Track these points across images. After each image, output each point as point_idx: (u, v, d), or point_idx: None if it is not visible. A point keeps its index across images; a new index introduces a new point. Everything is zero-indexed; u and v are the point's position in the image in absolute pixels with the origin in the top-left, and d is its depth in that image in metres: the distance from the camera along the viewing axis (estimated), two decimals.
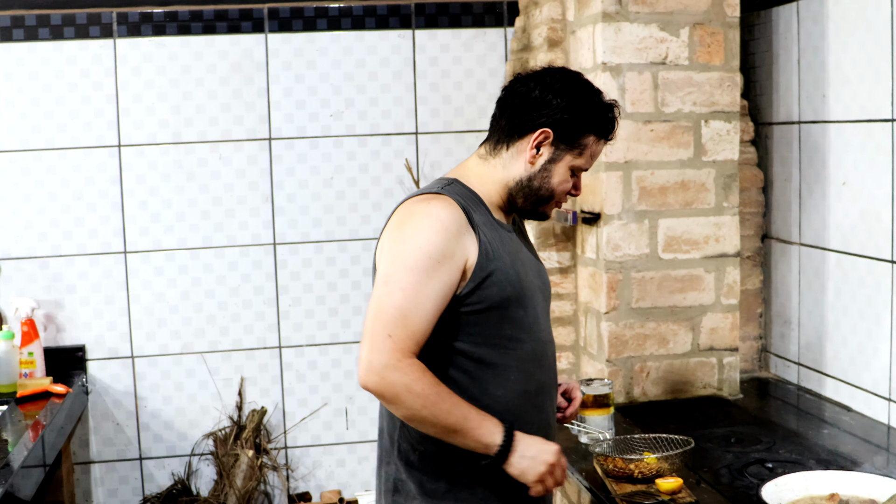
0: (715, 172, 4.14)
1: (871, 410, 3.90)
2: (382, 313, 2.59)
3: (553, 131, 2.78)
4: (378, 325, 2.58)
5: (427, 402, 2.57)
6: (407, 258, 2.61)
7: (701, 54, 4.10)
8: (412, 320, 2.59)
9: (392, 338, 2.57)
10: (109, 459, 5.16)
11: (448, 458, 2.74)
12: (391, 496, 2.84)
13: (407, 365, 2.57)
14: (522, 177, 2.82)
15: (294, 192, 5.17)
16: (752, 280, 4.60)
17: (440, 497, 2.76)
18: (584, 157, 2.84)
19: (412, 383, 2.56)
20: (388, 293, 2.60)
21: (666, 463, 3.19)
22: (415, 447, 2.78)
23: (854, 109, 3.95)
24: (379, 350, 2.57)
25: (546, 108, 2.78)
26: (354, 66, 5.18)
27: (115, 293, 5.08)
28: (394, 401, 2.58)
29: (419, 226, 2.64)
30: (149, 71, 5.04)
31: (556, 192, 2.85)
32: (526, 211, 2.90)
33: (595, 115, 2.82)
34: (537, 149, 2.80)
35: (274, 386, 5.25)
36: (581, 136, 2.80)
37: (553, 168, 2.82)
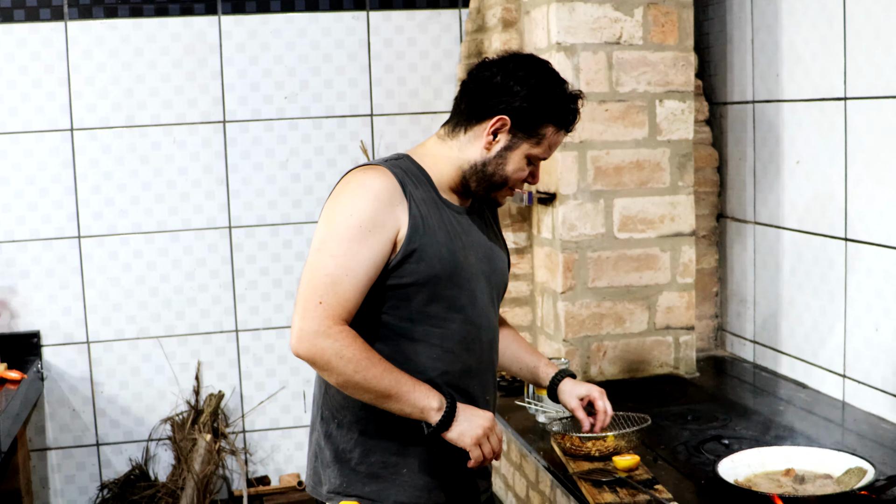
0: (670, 152, 4.15)
1: (825, 387, 3.93)
2: (314, 280, 2.59)
3: (511, 119, 2.74)
4: (309, 292, 2.59)
5: (359, 367, 2.57)
6: (339, 226, 2.61)
7: (655, 34, 4.11)
8: (343, 287, 2.59)
9: (323, 304, 2.57)
10: (66, 446, 5.12)
11: (363, 428, 2.74)
12: (313, 462, 2.86)
13: (337, 331, 2.57)
14: (477, 161, 2.79)
15: (249, 175, 5.14)
16: (707, 259, 4.62)
17: (353, 465, 2.76)
18: (542, 147, 2.80)
19: (342, 349, 2.56)
20: (320, 260, 2.60)
21: (623, 441, 3.21)
22: (334, 415, 2.78)
23: (807, 88, 3.97)
24: (310, 317, 2.56)
25: (506, 95, 2.74)
26: (309, 48, 5.15)
27: (69, 278, 5.04)
28: (325, 367, 2.58)
29: (352, 194, 2.65)
30: (101, 54, 5.00)
31: (510, 180, 2.82)
32: (480, 195, 2.87)
33: (555, 105, 2.77)
34: (494, 135, 2.76)
35: (231, 370, 5.23)
36: (539, 125, 2.76)
37: (509, 155, 2.78)
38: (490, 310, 2.89)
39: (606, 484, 2.99)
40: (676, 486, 3.02)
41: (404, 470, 2.76)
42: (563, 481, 3.17)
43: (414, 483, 2.76)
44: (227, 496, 5.24)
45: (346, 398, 2.74)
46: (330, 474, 2.79)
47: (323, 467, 2.82)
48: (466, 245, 2.80)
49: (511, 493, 3.93)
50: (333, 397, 2.78)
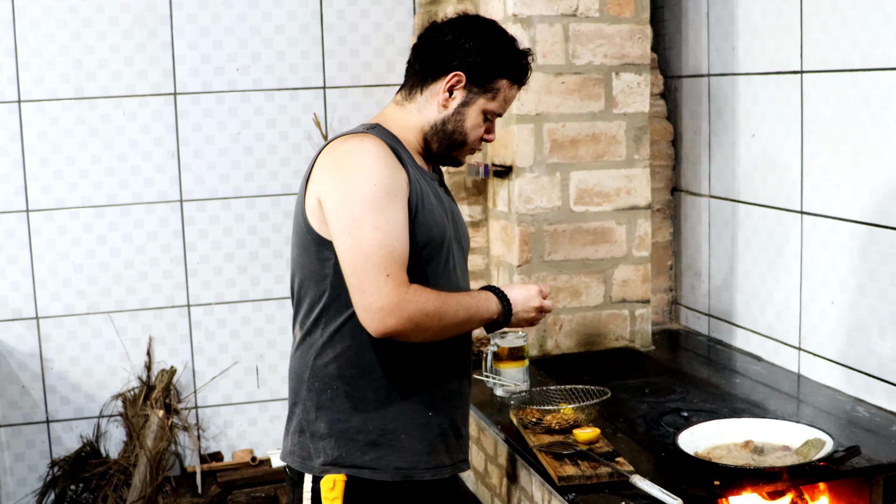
0: (626, 125, 4.15)
1: (781, 359, 3.95)
2: (371, 256, 2.58)
3: (465, 74, 2.79)
4: (373, 270, 2.58)
5: (442, 314, 2.64)
6: (367, 197, 2.60)
7: (611, 6, 4.10)
8: (398, 253, 2.60)
9: (391, 276, 2.58)
10: (15, 423, 5.05)
11: (361, 396, 2.74)
12: (298, 437, 2.82)
13: (413, 292, 2.60)
14: (437, 120, 2.83)
15: (201, 148, 5.08)
16: (661, 233, 4.63)
17: (351, 435, 2.74)
18: (498, 102, 2.85)
19: (425, 305, 2.61)
20: (368, 236, 2.58)
21: (583, 413, 3.21)
22: (328, 386, 2.76)
23: (763, 62, 3.97)
24: (385, 293, 2.57)
25: (459, 52, 2.79)
26: (261, 20, 5.09)
27: (17, 253, 4.96)
28: (416, 331, 2.62)
29: (363, 162, 2.63)
30: (49, 24, 4.91)
31: (469, 137, 2.85)
32: (440, 156, 2.90)
33: (508, 58, 2.83)
34: (450, 92, 2.81)
35: (183, 345, 5.18)
36: (494, 79, 2.81)
37: (466, 111, 2.82)
38: (464, 273, 2.95)
39: (567, 457, 2.99)
40: (636, 458, 3.03)
41: (402, 436, 2.77)
42: (523, 454, 3.17)
43: (413, 448, 2.77)
44: (180, 472, 5.19)
45: (339, 368, 2.75)
46: (325, 446, 2.76)
47: (314, 440, 2.78)
48: (445, 210, 2.85)
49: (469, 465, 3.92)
50: (325, 367, 2.76)
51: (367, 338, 2.70)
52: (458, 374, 2.89)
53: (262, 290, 5.20)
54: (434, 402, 2.82)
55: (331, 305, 2.73)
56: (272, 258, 5.18)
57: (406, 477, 2.77)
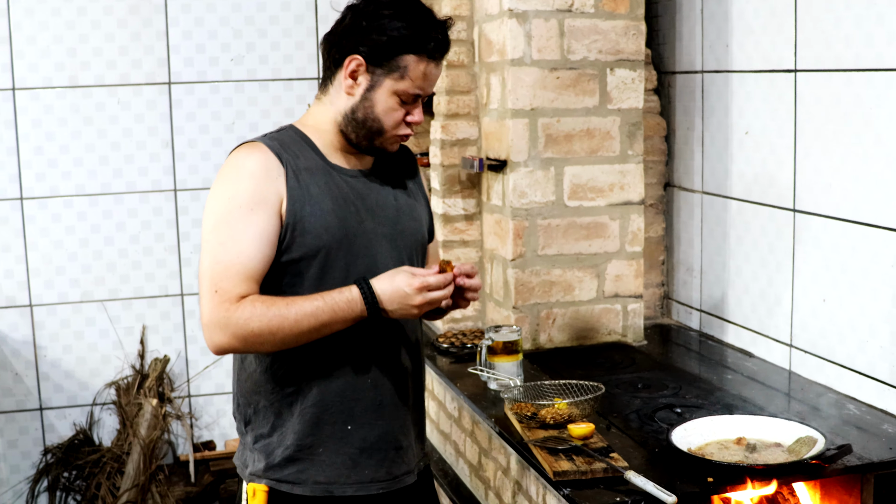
0: (620, 120, 4.17)
1: (772, 356, 3.98)
2: (207, 271, 2.55)
3: (364, 56, 2.63)
4: (206, 284, 2.55)
5: (273, 328, 2.53)
6: (220, 212, 2.56)
7: (607, 2, 4.11)
8: (235, 269, 2.53)
9: (219, 292, 2.52)
10: (8, 410, 5.08)
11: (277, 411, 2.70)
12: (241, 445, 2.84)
13: (236, 309, 2.52)
14: (346, 109, 2.68)
15: (195, 138, 5.10)
16: (654, 228, 4.65)
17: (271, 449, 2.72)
18: (409, 80, 2.66)
19: (249, 322, 2.51)
20: (209, 250, 2.56)
21: (577, 408, 3.23)
22: (249, 402, 2.75)
23: (757, 59, 4.00)
24: (211, 309, 2.53)
25: (356, 34, 2.63)
26: (255, 10, 5.11)
27: (11, 240, 4.98)
28: (248, 348, 2.56)
29: (227, 177, 2.59)
30: (43, 12, 4.92)
31: (384, 123, 2.68)
32: (364, 146, 2.73)
33: (409, 32, 2.63)
34: (354, 78, 2.65)
35: (176, 334, 5.20)
36: (395, 56, 2.63)
37: (374, 96, 2.66)
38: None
39: (562, 452, 3.01)
40: (630, 453, 3.05)
41: (320, 449, 2.71)
42: (518, 449, 3.19)
43: (332, 462, 2.71)
44: (173, 461, 5.22)
45: (256, 384, 2.71)
46: (253, 458, 2.75)
47: (246, 450, 2.78)
48: (361, 209, 2.72)
49: (462, 459, 3.95)
50: (245, 384, 2.74)
51: (277, 353, 2.65)
52: (386, 385, 2.78)
53: None
54: (354, 416, 2.73)
55: None
56: None
57: (326, 492, 2.72)
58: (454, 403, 4.03)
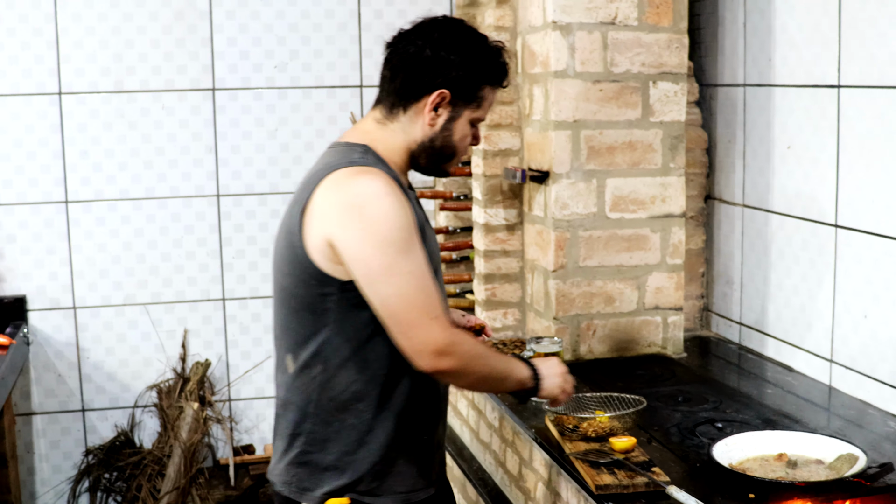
0: (662, 133, 4.18)
1: (812, 371, 3.98)
2: (414, 302, 2.56)
3: (450, 91, 2.73)
4: (417, 315, 2.56)
5: (485, 359, 2.70)
6: (394, 243, 2.56)
7: (650, 15, 4.13)
8: (433, 292, 2.59)
9: (437, 318, 2.57)
10: (51, 411, 5.13)
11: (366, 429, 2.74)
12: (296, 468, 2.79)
13: (460, 334, 2.63)
14: (424, 139, 2.77)
15: (238, 144, 5.15)
16: (694, 240, 4.66)
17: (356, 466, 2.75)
18: (483, 109, 2.81)
19: (472, 349, 2.65)
20: (405, 283, 2.56)
21: (619, 422, 3.25)
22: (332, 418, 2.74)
23: (800, 74, 4.00)
24: (436, 334, 2.56)
25: (440, 67, 2.71)
26: (299, 17, 5.15)
27: (56, 243, 5.04)
28: (465, 372, 2.64)
29: (380, 206, 2.57)
30: (90, 17, 4.97)
31: (458, 149, 2.82)
32: (430, 170, 2.87)
33: (488, 65, 2.77)
34: (436, 109, 2.75)
35: (217, 338, 5.25)
36: (478, 89, 2.77)
37: (454, 126, 2.78)
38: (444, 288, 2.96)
39: (604, 465, 3.03)
40: (671, 468, 3.06)
41: (401, 461, 2.79)
42: (559, 461, 3.21)
43: (410, 472, 2.81)
44: (213, 464, 5.27)
45: (343, 403, 2.73)
46: (330, 477, 2.75)
47: (318, 471, 2.76)
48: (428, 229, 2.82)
49: (502, 469, 3.97)
50: (326, 404, 2.74)
51: (373, 373, 2.71)
52: (446, 394, 2.96)
53: None
54: (428, 426, 2.87)
55: (333, 340, 2.70)
56: None
57: (405, 501, 2.81)
58: (494, 413, 4.05)
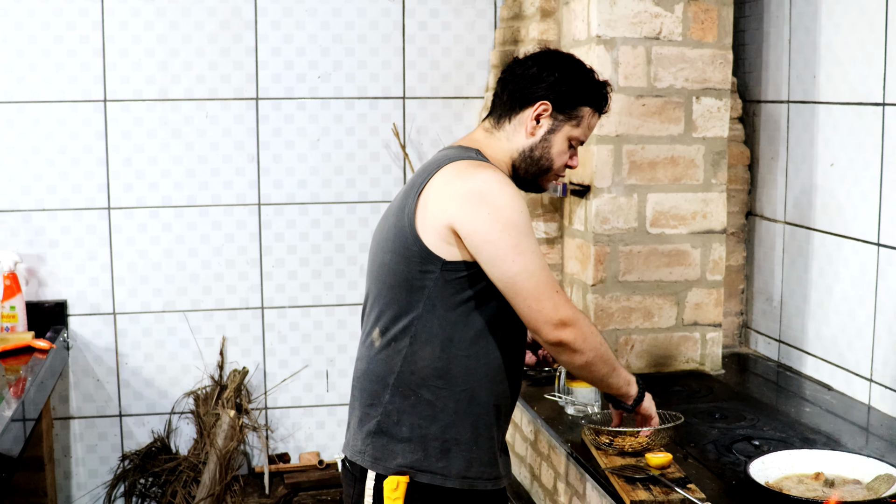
0: (704, 149, 4.17)
1: (851, 390, 3.95)
2: (541, 278, 2.77)
3: (551, 102, 2.95)
4: (545, 289, 2.77)
5: (601, 343, 2.91)
6: (518, 224, 2.76)
7: (694, 30, 4.12)
8: (550, 272, 2.85)
9: (559, 292, 2.80)
10: (89, 415, 5.16)
11: (441, 406, 2.87)
12: (373, 437, 2.91)
13: (580, 311, 2.87)
14: (525, 147, 2.99)
15: (280, 153, 5.16)
16: (735, 256, 4.64)
17: (429, 441, 2.87)
18: (581, 129, 3.01)
19: (592, 328, 2.88)
20: (531, 261, 2.76)
21: (655, 438, 3.23)
22: (413, 391, 2.87)
23: (844, 92, 3.98)
24: (563, 305, 2.79)
25: (544, 82, 2.96)
26: (343, 28, 5.16)
27: (97, 249, 5.07)
28: (582, 347, 2.84)
29: (504, 193, 2.78)
30: (136, 25, 5.01)
31: (554, 163, 3.01)
32: (526, 182, 3.04)
33: (589, 87, 3.00)
34: (537, 120, 2.97)
35: (255, 346, 5.26)
36: (577, 106, 2.98)
37: (553, 138, 2.98)
38: None
39: (639, 481, 3.02)
40: (707, 485, 3.05)
41: (473, 447, 2.90)
42: (594, 475, 3.20)
43: (480, 458, 2.92)
44: (248, 472, 5.28)
45: (426, 378, 2.87)
46: (403, 449, 2.87)
47: (393, 442, 2.88)
48: None
49: (537, 483, 3.96)
50: (409, 376, 2.87)
51: (456, 352, 2.84)
52: (517, 390, 3.07)
53: (335, 296, 5.26)
54: (499, 418, 2.98)
55: (424, 316, 2.84)
56: (346, 264, 5.25)
57: (470, 486, 2.91)
58: (531, 427, 4.04)
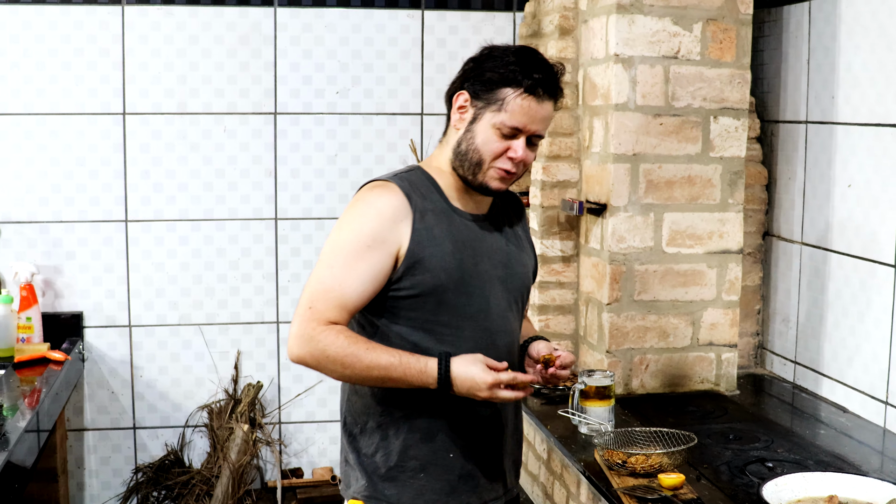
0: (721, 169, 4.16)
1: (866, 412, 3.93)
2: (309, 288, 2.73)
3: (468, 91, 2.80)
4: (304, 299, 2.73)
5: (346, 363, 2.68)
6: (341, 241, 2.74)
7: (713, 50, 4.11)
8: (334, 295, 2.71)
9: (312, 309, 2.70)
10: (103, 427, 5.17)
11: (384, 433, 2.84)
12: (343, 464, 2.97)
13: (321, 331, 2.68)
14: (455, 145, 2.84)
15: (297, 168, 5.17)
16: (751, 277, 4.63)
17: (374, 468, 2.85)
18: (508, 113, 2.75)
19: (327, 348, 2.67)
20: (320, 271, 2.74)
21: (668, 458, 3.22)
22: (356, 420, 2.89)
23: (863, 112, 3.97)
24: (301, 322, 2.70)
25: (464, 74, 2.85)
26: (362, 44, 5.18)
27: (114, 261, 5.08)
28: (318, 368, 2.72)
29: (357, 211, 2.76)
30: (156, 39, 5.03)
31: (482, 153, 2.79)
32: (471, 181, 2.84)
33: (507, 67, 2.76)
34: (462, 113, 2.82)
35: (270, 361, 5.27)
36: (494, 89, 2.76)
37: (475, 128, 2.79)
38: (508, 314, 2.94)
39: (652, 501, 3.01)
40: None
41: (422, 474, 2.84)
42: (606, 495, 3.19)
43: (432, 487, 2.85)
44: (261, 486, 5.28)
45: (366, 405, 2.86)
46: (356, 476, 2.89)
47: (350, 469, 2.92)
48: (478, 252, 2.86)
49: (549, 502, 3.95)
50: (354, 403, 2.89)
51: None
52: (488, 413, 2.91)
53: None
54: (458, 443, 2.87)
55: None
56: None
57: None
58: (543, 445, 4.03)
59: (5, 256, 4.99)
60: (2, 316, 4.72)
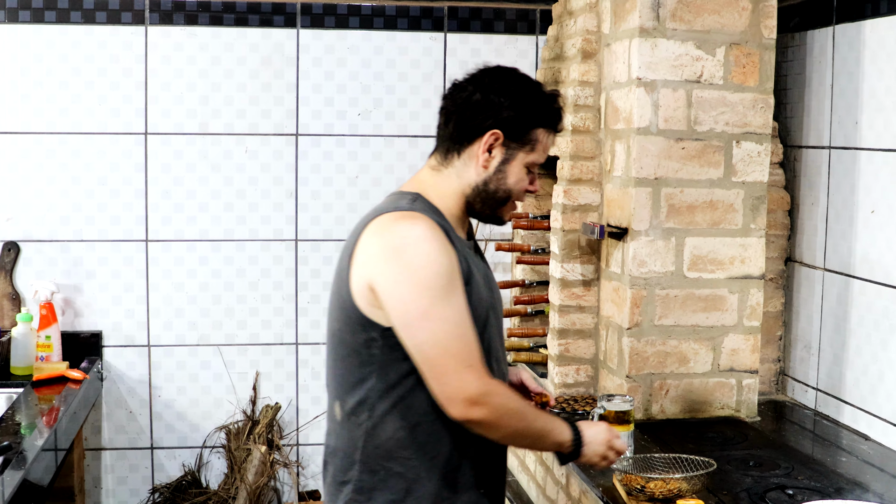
0: (744, 194, 4.13)
1: (889, 440, 3.89)
2: (448, 349, 2.57)
3: (502, 131, 2.73)
4: (452, 363, 2.57)
5: (521, 415, 2.66)
6: (432, 288, 2.57)
7: (736, 74, 4.10)
8: (471, 338, 2.60)
9: (472, 367, 2.57)
10: (121, 447, 5.16)
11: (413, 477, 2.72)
12: None
13: (496, 385, 2.62)
14: (478, 182, 2.77)
15: (318, 189, 5.17)
16: (773, 302, 4.60)
17: None
18: (537, 152, 2.80)
19: (508, 401, 2.63)
20: (440, 329, 2.57)
21: (687, 484, 3.19)
22: (380, 466, 2.73)
23: (887, 138, 3.94)
24: (470, 383, 2.57)
25: (491, 110, 2.73)
26: (385, 66, 5.18)
27: (134, 281, 5.09)
28: (498, 424, 2.62)
29: (421, 250, 2.59)
30: (179, 60, 5.05)
31: (513, 193, 2.81)
32: (484, 216, 2.85)
33: (541, 107, 2.78)
34: (489, 151, 2.75)
35: (289, 382, 5.25)
36: (530, 130, 2.76)
37: (508, 168, 2.77)
38: (503, 342, 2.93)
39: None
40: None
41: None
42: None
43: None
44: None
45: (389, 451, 2.72)
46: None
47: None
48: (485, 279, 2.83)
49: None
50: (372, 451, 2.73)
51: (417, 419, 2.69)
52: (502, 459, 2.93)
53: None
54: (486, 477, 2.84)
55: (377, 386, 2.69)
56: None
57: None
58: (562, 470, 4.00)
59: (26, 275, 5.00)
60: (21, 334, 4.73)
